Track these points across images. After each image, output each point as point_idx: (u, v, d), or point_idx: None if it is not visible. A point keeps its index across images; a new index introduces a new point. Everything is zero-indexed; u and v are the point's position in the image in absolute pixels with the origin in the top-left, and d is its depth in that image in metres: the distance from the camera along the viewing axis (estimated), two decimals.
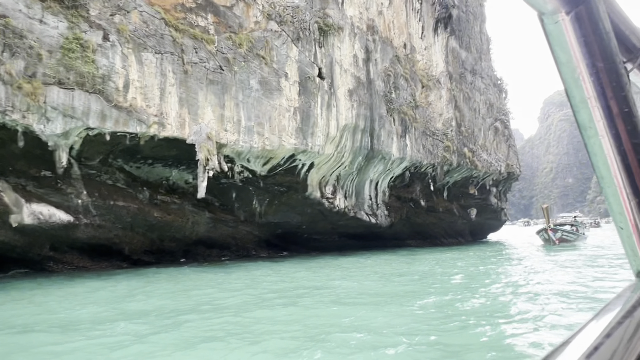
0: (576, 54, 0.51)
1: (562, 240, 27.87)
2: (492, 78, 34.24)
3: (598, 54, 0.51)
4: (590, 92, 0.53)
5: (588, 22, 0.49)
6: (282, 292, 10.44)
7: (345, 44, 22.24)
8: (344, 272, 15.31)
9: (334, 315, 7.68)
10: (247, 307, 8.67)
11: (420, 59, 27.08)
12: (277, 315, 7.81)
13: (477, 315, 7.54)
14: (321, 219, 25.52)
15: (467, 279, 12.94)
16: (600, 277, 12.04)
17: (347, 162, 23.18)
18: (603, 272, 13.19)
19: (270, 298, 9.69)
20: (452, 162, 27.23)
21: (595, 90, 0.52)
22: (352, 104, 22.09)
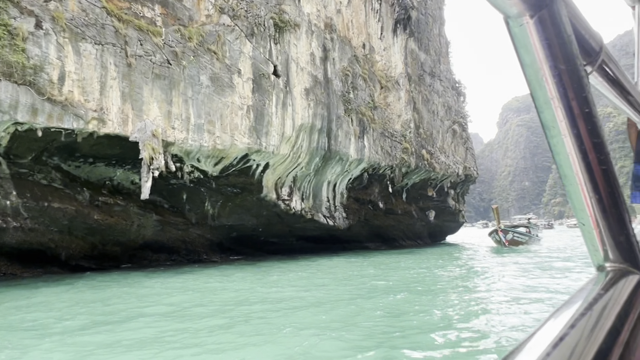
0: (540, 56, 0.52)
1: (513, 241, 27.22)
2: (450, 81, 34.48)
3: (560, 56, 0.52)
4: (554, 93, 0.54)
5: (551, 25, 0.50)
6: (208, 304, 9.65)
7: (302, 41, 21.65)
8: (283, 278, 14.68)
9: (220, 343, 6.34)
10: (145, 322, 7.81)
11: (379, 60, 26.82)
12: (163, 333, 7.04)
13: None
14: (278, 221, 24.81)
15: (402, 282, 12.56)
16: (536, 285, 11.86)
17: (303, 163, 22.58)
18: (548, 276, 13.08)
19: (189, 312, 8.92)
20: (411, 164, 27.08)
21: (558, 91, 0.54)
22: (309, 103, 21.52)
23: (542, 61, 0.53)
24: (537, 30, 0.51)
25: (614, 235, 0.65)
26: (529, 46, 0.52)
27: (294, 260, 22.26)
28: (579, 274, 13.39)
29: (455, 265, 18.12)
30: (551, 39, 0.52)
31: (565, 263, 17.18)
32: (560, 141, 0.58)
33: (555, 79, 0.54)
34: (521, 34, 0.51)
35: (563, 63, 0.53)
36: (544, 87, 0.55)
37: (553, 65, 0.53)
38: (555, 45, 0.52)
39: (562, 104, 0.56)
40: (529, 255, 21.21)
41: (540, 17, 0.50)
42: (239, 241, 25.57)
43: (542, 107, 0.57)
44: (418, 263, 19.21)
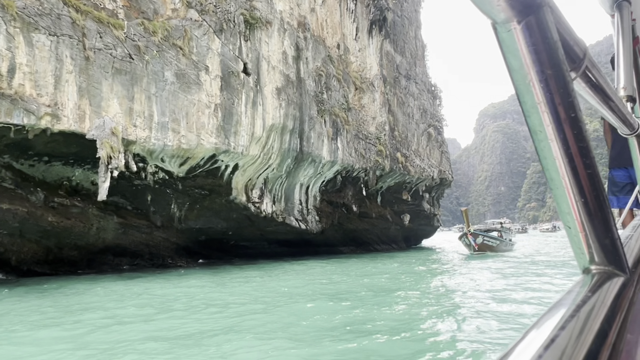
0: (527, 61, 0.53)
1: (484, 246, 25.90)
2: (426, 84, 34.32)
3: (547, 61, 0.53)
4: (540, 97, 0.55)
5: (538, 31, 0.51)
6: (146, 315, 8.92)
7: (274, 39, 21.05)
8: (239, 287, 14.00)
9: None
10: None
11: (354, 61, 26.41)
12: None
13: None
14: (248, 224, 24.08)
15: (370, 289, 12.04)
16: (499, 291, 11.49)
17: (275, 165, 21.94)
18: (521, 286, 12.69)
19: (122, 322, 8.19)
20: (385, 167, 26.69)
21: (544, 96, 0.55)
22: (280, 103, 20.90)
23: (529, 66, 0.53)
24: (525, 36, 0.51)
25: (600, 238, 0.65)
26: (516, 51, 0.52)
27: (261, 265, 21.57)
28: (551, 284, 13.04)
29: (423, 271, 17.71)
30: (538, 44, 0.52)
31: (541, 268, 16.89)
32: (547, 145, 0.58)
33: (542, 84, 0.54)
34: (509, 39, 0.52)
35: (550, 68, 0.53)
36: (531, 91, 0.55)
37: (540, 70, 0.53)
38: (542, 51, 0.52)
39: (549, 109, 0.55)
40: (502, 260, 20.99)
41: (527, 22, 0.50)
42: (208, 245, 24.73)
43: (529, 112, 0.57)
44: (387, 267, 18.75)
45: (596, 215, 0.63)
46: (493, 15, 0.50)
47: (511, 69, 0.54)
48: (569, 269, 16.52)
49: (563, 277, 13.63)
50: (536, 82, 0.54)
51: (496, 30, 0.52)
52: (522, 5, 0.49)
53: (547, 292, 10.60)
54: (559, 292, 10.38)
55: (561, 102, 0.56)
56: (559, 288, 10.98)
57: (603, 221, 0.64)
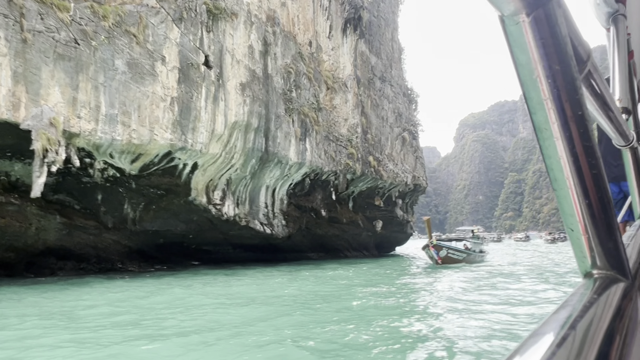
0: (534, 56, 0.52)
1: (448, 259, 23.29)
2: (402, 87, 33.52)
3: (555, 56, 0.52)
4: (547, 94, 0.54)
5: (547, 25, 0.50)
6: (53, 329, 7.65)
7: (240, 32, 19.90)
8: (178, 297, 12.76)
9: None
10: None
11: (326, 59, 25.41)
12: None
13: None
14: (210, 227, 22.76)
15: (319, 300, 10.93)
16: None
17: (238, 165, 20.71)
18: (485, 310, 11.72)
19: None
20: (356, 171, 25.69)
21: (551, 92, 0.54)
22: (245, 100, 19.73)
23: (537, 61, 0.52)
24: (533, 29, 0.50)
25: (603, 241, 0.64)
26: (524, 45, 0.51)
27: (220, 271, 20.31)
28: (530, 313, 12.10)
29: (387, 280, 16.71)
30: (546, 38, 0.50)
31: (503, 282, 15.95)
32: (552, 144, 0.57)
33: (549, 80, 0.52)
34: (517, 32, 0.50)
35: (558, 64, 0.52)
36: (538, 87, 0.53)
37: (547, 65, 0.52)
38: (550, 45, 0.51)
39: (556, 106, 0.54)
40: (467, 271, 20.11)
41: (536, 16, 0.49)
42: (166, 249, 23.31)
43: (535, 108, 0.55)
44: (353, 275, 17.69)
45: (600, 218, 0.61)
46: (502, 7, 0.48)
47: (518, 64, 0.52)
48: (531, 283, 15.75)
49: (526, 293, 12.76)
50: (543, 78, 0.52)
51: (504, 23, 0.50)
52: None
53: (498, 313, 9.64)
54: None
55: (568, 99, 0.53)
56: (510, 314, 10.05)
57: (607, 224, 0.62)
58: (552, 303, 10.28)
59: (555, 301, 10.83)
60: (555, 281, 15.40)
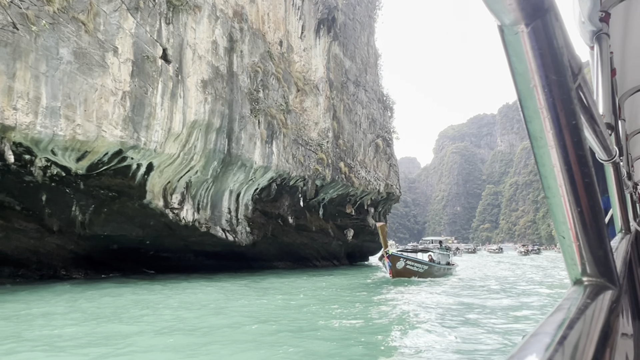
0: (532, 65, 0.53)
1: (406, 272, 20.45)
2: (377, 93, 32.78)
3: (552, 67, 0.54)
4: (543, 103, 0.55)
5: (544, 36, 0.52)
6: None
7: (203, 26, 18.79)
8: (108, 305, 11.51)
9: None
10: None
11: (297, 60, 24.45)
12: None
13: None
14: (169, 233, 21.40)
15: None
16: None
17: (198, 167, 19.48)
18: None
19: None
20: (326, 177, 24.69)
21: (547, 101, 0.55)
22: (206, 97, 18.57)
23: (534, 71, 0.53)
24: (531, 40, 0.51)
25: (593, 249, 0.65)
26: (521, 55, 0.52)
27: (175, 280, 18.97)
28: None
29: (347, 294, 15.67)
30: (544, 49, 0.52)
31: (459, 305, 14.68)
32: (547, 152, 0.58)
33: (545, 89, 0.54)
34: (515, 42, 0.52)
35: (554, 74, 0.53)
36: (534, 96, 0.55)
37: (544, 75, 0.53)
38: (547, 56, 0.52)
39: (551, 115, 0.55)
40: (433, 286, 19.20)
41: (534, 27, 0.50)
42: (121, 255, 21.84)
43: (530, 117, 0.57)
44: (309, 288, 16.61)
45: (591, 226, 0.62)
46: (502, 17, 0.49)
47: (515, 73, 0.54)
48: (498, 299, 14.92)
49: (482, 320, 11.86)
50: (539, 87, 0.53)
51: (503, 33, 0.51)
52: (532, 8, 0.49)
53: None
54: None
55: (563, 109, 0.55)
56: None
57: (598, 232, 0.63)
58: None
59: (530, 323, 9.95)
60: (527, 301, 14.28)
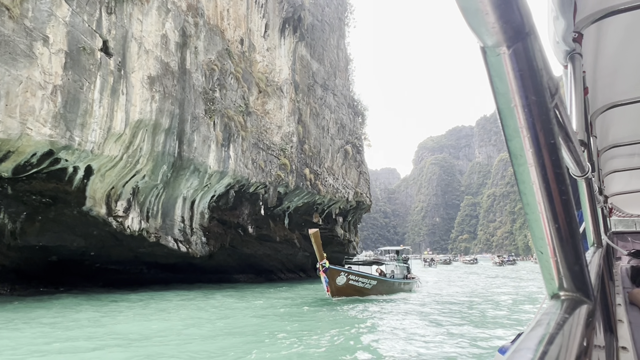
0: (513, 86, 0.55)
1: (349, 289, 17.26)
2: (347, 98, 31.59)
3: (531, 88, 0.55)
4: (523, 122, 0.57)
5: (525, 58, 0.53)
6: None
7: (152, 18, 17.33)
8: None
9: None
10: None
11: (260, 60, 23.11)
12: None
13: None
14: (115, 243, 19.66)
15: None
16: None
17: (145, 171, 17.88)
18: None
19: None
20: (289, 184, 23.27)
21: (527, 121, 0.57)
22: (153, 95, 17.05)
23: (515, 91, 0.55)
24: (512, 62, 0.53)
25: (570, 264, 0.66)
26: (503, 76, 0.54)
27: (116, 296, 17.26)
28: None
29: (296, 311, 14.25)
30: (524, 70, 0.53)
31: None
32: (526, 170, 0.59)
33: (525, 109, 0.55)
34: (497, 63, 0.53)
35: (533, 94, 0.55)
36: (515, 116, 0.56)
37: (524, 95, 0.55)
38: (527, 77, 0.54)
39: (530, 134, 0.57)
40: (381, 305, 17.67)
41: (515, 49, 0.52)
42: (62, 268, 19.99)
43: (511, 136, 0.58)
44: (239, 308, 15.12)
45: (568, 242, 0.64)
46: (485, 39, 0.51)
47: (497, 93, 0.55)
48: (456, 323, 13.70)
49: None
50: (520, 107, 0.55)
51: (485, 54, 0.53)
52: (514, 31, 0.50)
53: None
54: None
55: (542, 128, 0.56)
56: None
57: (574, 248, 0.65)
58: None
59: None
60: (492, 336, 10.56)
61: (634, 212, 6.95)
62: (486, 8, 0.47)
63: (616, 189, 5.02)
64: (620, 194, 5.20)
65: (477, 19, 0.48)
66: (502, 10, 0.48)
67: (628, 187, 4.97)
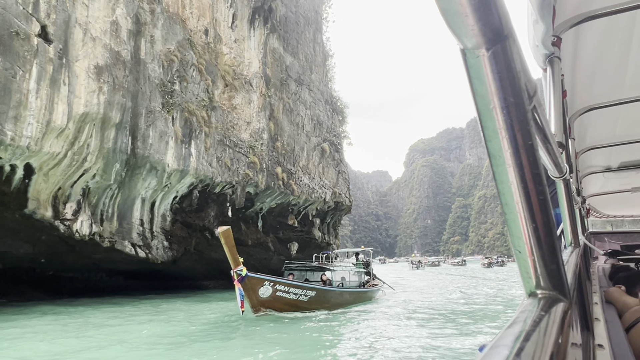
0: (492, 88, 0.56)
1: (276, 302, 13.71)
2: (324, 94, 30.25)
3: (509, 90, 0.56)
4: (501, 123, 0.58)
5: (503, 60, 0.54)
6: None
7: (99, 3, 15.90)
8: None
9: None
10: None
11: (227, 52, 21.72)
12: None
13: None
14: (67, 249, 18.12)
15: None
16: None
17: (95, 170, 16.40)
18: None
19: None
20: (259, 183, 21.85)
21: (505, 122, 0.58)
22: (101, 87, 15.59)
23: (493, 93, 0.55)
24: (491, 64, 0.53)
25: (546, 263, 0.68)
26: (482, 77, 0.55)
27: (67, 308, 15.74)
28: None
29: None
30: (502, 72, 0.54)
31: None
32: (505, 170, 0.60)
33: (504, 111, 0.56)
34: (476, 65, 0.54)
35: (512, 96, 0.56)
36: (493, 117, 0.57)
37: (503, 97, 0.56)
38: (506, 79, 0.54)
39: (509, 135, 0.58)
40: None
41: (494, 51, 0.52)
42: (9, 276, 18.42)
43: (490, 137, 0.59)
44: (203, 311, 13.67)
45: (545, 241, 0.65)
46: (464, 41, 0.51)
47: (476, 94, 0.56)
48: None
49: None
50: (499, 109, 0.56)
51: (465, 56, 0.53)
52: (493, 33, 0.51)
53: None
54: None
55: (520, 130, 0.57)
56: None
57: (550, 247, 0.66)
58: None
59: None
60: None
61: (610, 213, 6.92)
62: (465, 10, 0.47)
63: (594, 190, 5.00)
64: (597, 195, 5.15)
65: (457, 21, 0.48)
66: (481, 13, 0.48)
67: (605, 189, 4.94)
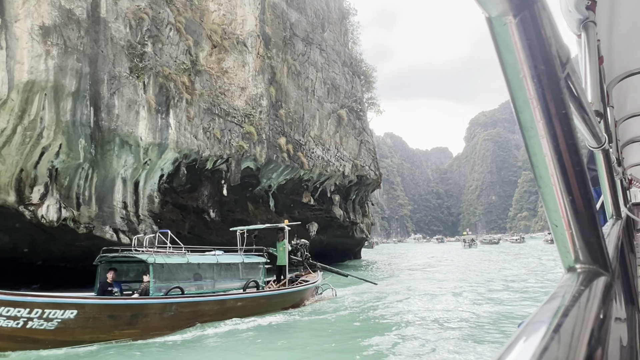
0: (520, 56, 0.54)
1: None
2: (341, 55, 26.83)
3: (540, 57, 0.54)
4: (532, 93, 0.56)
5: (532, 26, 0.52)
6: None
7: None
8: None
9: None
10: None
11: (215, 9, 19.10)
12: None
13: None
14: (47, 238, 16.61)
15: None
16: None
17: (58, 147, 14.52)
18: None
19: None
20: (257, 156, 19.22)
21: (536, 92, 0.56)
22: (49, 50, 13.53)
23: (523, 61, 0.53)
24: (519, 31, 0.51)
25: (585, 236, 0.65)
26: (510, 46, 0.52)
27: None
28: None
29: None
30: (532, 39, 0.52)
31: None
32: (538, 142, 0.58)
33: (534, 80, 0.54)
34: (504, 33, 0.52)
35: (542, 64, 0.53)
36: (524, 87, 0.55)
37: (533, 65, 0.53)
38: (536, 46, 0.52)
39: (541, 105, 0.56)
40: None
41: (522, 17, 0.50)
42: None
43: (521, 108, 0.57)
44: None
45: (583, 214, 0.63)
46: (490, 8, 0.49)
47: (505, 64, 0.54)
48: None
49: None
50: (529, 78, 0.54)
51: (491, 24, 0.51)
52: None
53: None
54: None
55: (552, 99, 0.55)
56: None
57: (589, 220, 0.64)
58: None
59: None
60: None
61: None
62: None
63: (636, 160, 4.63)
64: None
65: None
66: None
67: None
